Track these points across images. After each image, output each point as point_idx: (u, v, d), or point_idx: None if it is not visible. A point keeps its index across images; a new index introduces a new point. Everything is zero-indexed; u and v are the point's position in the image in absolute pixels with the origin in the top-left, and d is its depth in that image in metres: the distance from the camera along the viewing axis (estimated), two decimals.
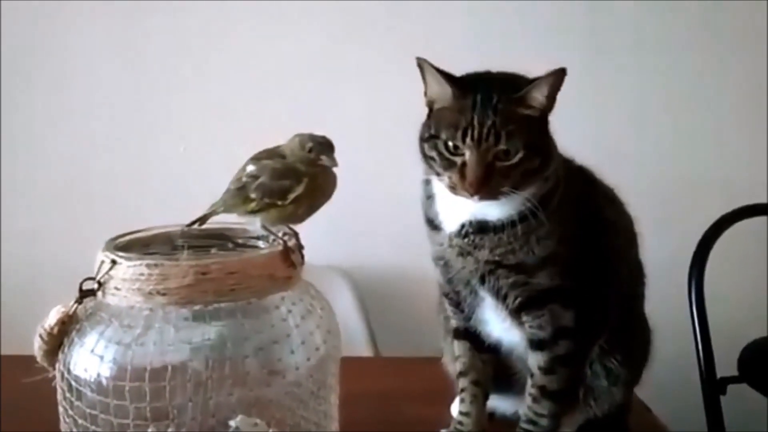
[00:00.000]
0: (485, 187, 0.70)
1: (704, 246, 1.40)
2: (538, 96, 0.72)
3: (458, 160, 0.71)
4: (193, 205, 0.73)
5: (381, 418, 0.90)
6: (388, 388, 1.03)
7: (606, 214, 0.82)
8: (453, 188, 0.72)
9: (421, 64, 0.74)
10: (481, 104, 0.71)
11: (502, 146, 0.70)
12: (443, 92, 0.74)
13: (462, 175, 0.71)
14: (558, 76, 0.71)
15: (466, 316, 0.82)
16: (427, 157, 0.74)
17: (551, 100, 0.73)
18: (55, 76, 1.60)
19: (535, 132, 0.73)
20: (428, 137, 0.74)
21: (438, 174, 0.73)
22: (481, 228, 0.74)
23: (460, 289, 0.80)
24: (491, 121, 0.70)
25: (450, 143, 0.71)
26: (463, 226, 0.75)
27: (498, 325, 0.81)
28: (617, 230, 0.83)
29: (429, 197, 0.79)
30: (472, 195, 0.71)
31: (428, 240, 0.81)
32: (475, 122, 0.70)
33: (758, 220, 1.46)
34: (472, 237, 0.75)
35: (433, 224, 0.79)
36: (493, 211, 0.74)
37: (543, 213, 0.73)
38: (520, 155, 0.70)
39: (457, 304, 0.83)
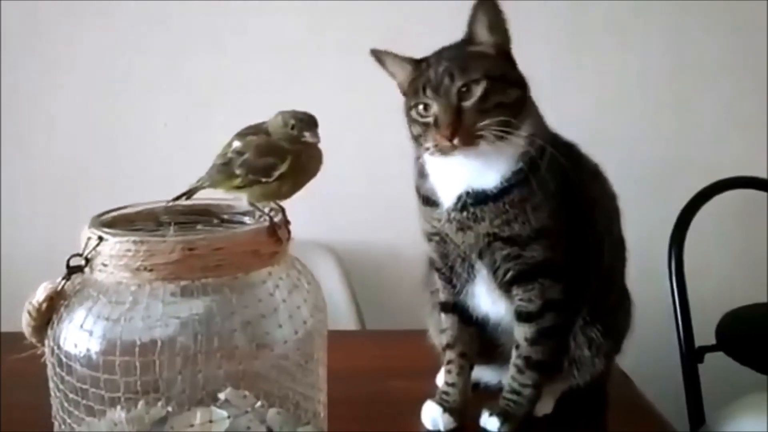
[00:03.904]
0: (459, 129, 0.71)
1: (683, 219, 1.43)
2: (481, 31, 0.74)
3: (431, 117, 0.73)
4: (177, 181, 0.73)
5: (367, 390, 0.92)
6: (374, 361, 1.04)
7: (591, 191, 0.83)
8: (437, 147, 0.73)
9: (377, 55, 0.77)
10: (435, 62, 0.74)
11: (458, 83, 0.72)
12: (405, 72, 0.76)
13: (437, 127, 0.72)
14: (482, 4, 0.73)
15: (457, 290, 0.83)
16: (414, 137, 0.76)
17: (498, 31, 0.74)
18: (38, 57, 1.57)
19: (496, 65, 0.74)
20: (406, 113, 0.76)
21: (426, 146, 0.74)
22: (478, 199, 0.75)
23: (455, 264, 0.81)
24: (444, 66, 0.72)
25: (420, 106, 0.74)
26: (459, 197, 0.76)
27: (487, 299, 0.82)
28: (601, 207, 0.84)
29: (423, 176, 0.79)
30: (450, 141, 0.71)
31: (421, 217, 0.81)
32: (431, 75, 0.73)
33: (736, 194, 1.49)
34: (471, 209, 0.75)
35: (429, 201, 0.79)
36: (489, 178, 0.75)
37: (533, 177, 0.74)
38: (483, 85, 0.71)
39: (449, 280, 0.83)
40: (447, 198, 0.77)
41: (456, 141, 0.71)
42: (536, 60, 1.61)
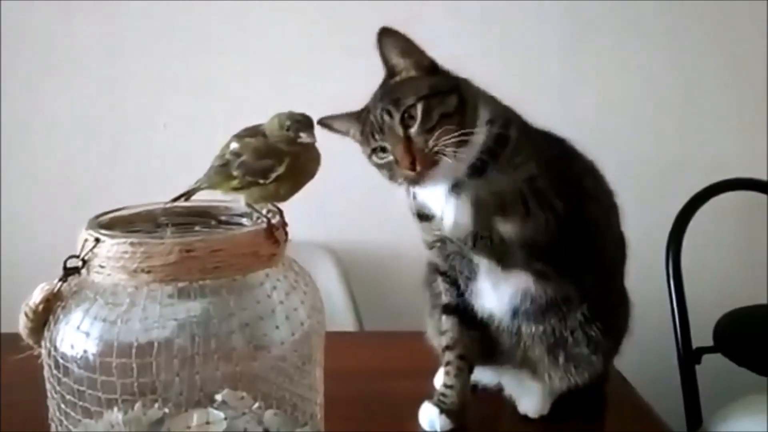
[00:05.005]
0: (416, 156, 0.72)
1: (681, 220, 1.43)
2: (396, 60, 0.76)
3: (389, 157, 0.75)
4: (175, 182, 0.73)
5: (365, 391, 0.92)
6: (372, 361, 1.04)
7: (585, 184, 0.82)
8: (408, 179, 0.75)
9: (323, 124, 0.79)
10: (372, 107, 0.76)
11: (397, 116, 0.73)
12: (354, 126, 0.79)
13: (397, 164, 0.74)
14: (384, 37, 0.76)
15: (461, 291, 0.84)
16: (388, 179, 0.78)
17: (411, 52, 0.76)
18: (38, 58, 1.57)
19: (424, 83, 0.75)
20: (369, 162, 0.78)
21: (399, 183, 0.76)
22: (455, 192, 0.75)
23: (456, 263, 0.82)
24: (379, 107, 0.75)
25: (376, 151, 0.76)
26: (447, 200, 0.76)
27: (492, 295, 0.82)
28: (596, 200, 0.84)
29: (414, 197, 0.81)
30: (414, 171, 0.73)
31: (422, 232, 0.83)
32: (373, 120, 0.75)
33: (733, 195, 1.49)
34: (460, 204, 0.75)
35: (424, 216, 0.80)
36: (460, 170, 0.75)
37: (503, 147, 0.74)
38: (420, 107, 0.73)
39: (454, 281, 0.84)
40: (438, 207, 0.78)
41: (418, 168, 0.72)
42: (536, 61, 1.62)
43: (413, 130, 0.73)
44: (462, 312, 0.85)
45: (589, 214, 0.81)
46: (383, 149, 0.76)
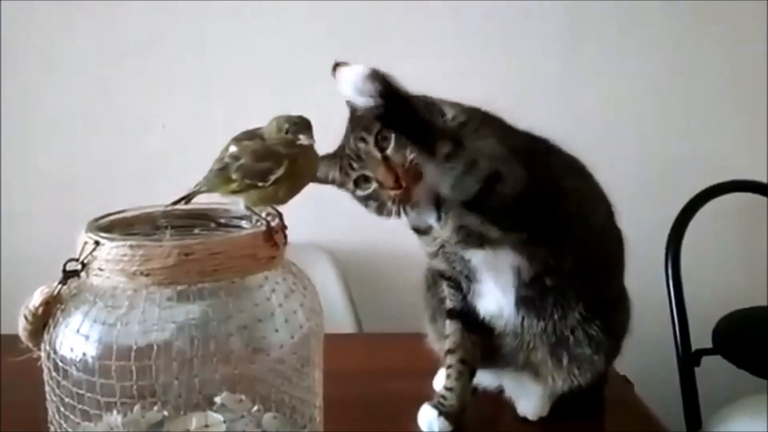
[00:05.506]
0: (400, 173, 0.73)
1: (681, 222, 1.43)
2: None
3: (373, 183, 0.76)
4: (175, 182, 0.73)
5: (364, 393, 0.92)
6: (371, 363, 1.05)
7: (563, 183, 0.81)
8: (395, 201, 0.75)
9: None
10: (346, 141, 0.78)
11: (371, 139, 0.75)
12: (333, 165, 0.79)
13: (383, 187, 0.74)
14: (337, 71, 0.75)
15: (464, 294, 0.85)
16: (377, 213, 0.78)
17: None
18: (38, 58, 1.57)
19: None
20: (354, 198, 0.79)
21: (389, 210, 0.76)
22: (439, 197, 0.76)
23: (456, 264, 0.82)
24: (352, 138, 0.76)
25: (359, 183, 0.77)
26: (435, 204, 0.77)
27: (495, 292, 0.82)
28: (574, 197, 0.82)
29: (407, 215, 0.80)
30: (400, 187, 0.73)
31: (423, 245, 0.83)
32: (348, 152, 0.76)
33: (734, 197, 1.49)
34: (445, 208, 0.77)
35: (422, 230, 0.81)
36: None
37: (466, 131, 0.74)
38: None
39: (458, 285, 0.85)
40: (431, 217, 0.78)
41: (403, 184, 0.73)
42: (537, 61, 1.61)
43: (390, 150, 0.74)
44: (465, 316, 0.85)
45: (562, 210, 0.80)
46: (366, 178, 0.76)
